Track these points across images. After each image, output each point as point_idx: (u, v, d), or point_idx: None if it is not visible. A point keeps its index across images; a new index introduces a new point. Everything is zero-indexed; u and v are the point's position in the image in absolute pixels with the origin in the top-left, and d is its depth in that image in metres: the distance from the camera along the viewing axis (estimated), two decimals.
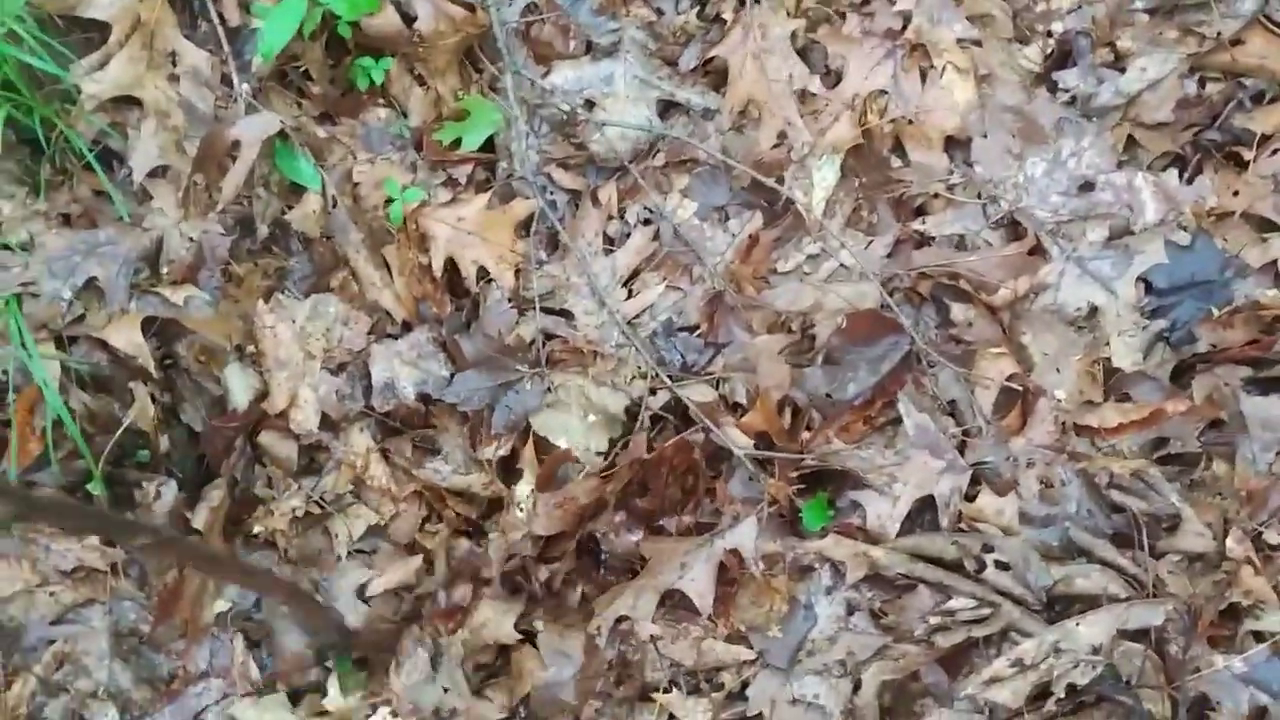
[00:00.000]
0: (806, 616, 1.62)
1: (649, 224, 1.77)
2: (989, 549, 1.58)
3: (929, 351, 1.66)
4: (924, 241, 1.72)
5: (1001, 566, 1.58)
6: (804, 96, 1.75)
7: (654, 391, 1.69)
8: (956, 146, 1.73)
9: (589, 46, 1.78)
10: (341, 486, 1.66)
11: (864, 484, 1.64)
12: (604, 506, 1.63)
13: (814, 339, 1.71)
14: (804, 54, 1.76)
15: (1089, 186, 1.70)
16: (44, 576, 1.53)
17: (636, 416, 1.69)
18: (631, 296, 1.74)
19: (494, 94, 1.76)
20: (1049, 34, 1.76)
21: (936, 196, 1.73)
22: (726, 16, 1.77)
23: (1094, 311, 1.67)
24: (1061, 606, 1.58)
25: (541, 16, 1.76)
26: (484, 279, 1.73)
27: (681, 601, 1.61)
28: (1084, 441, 1.64)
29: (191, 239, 1.61)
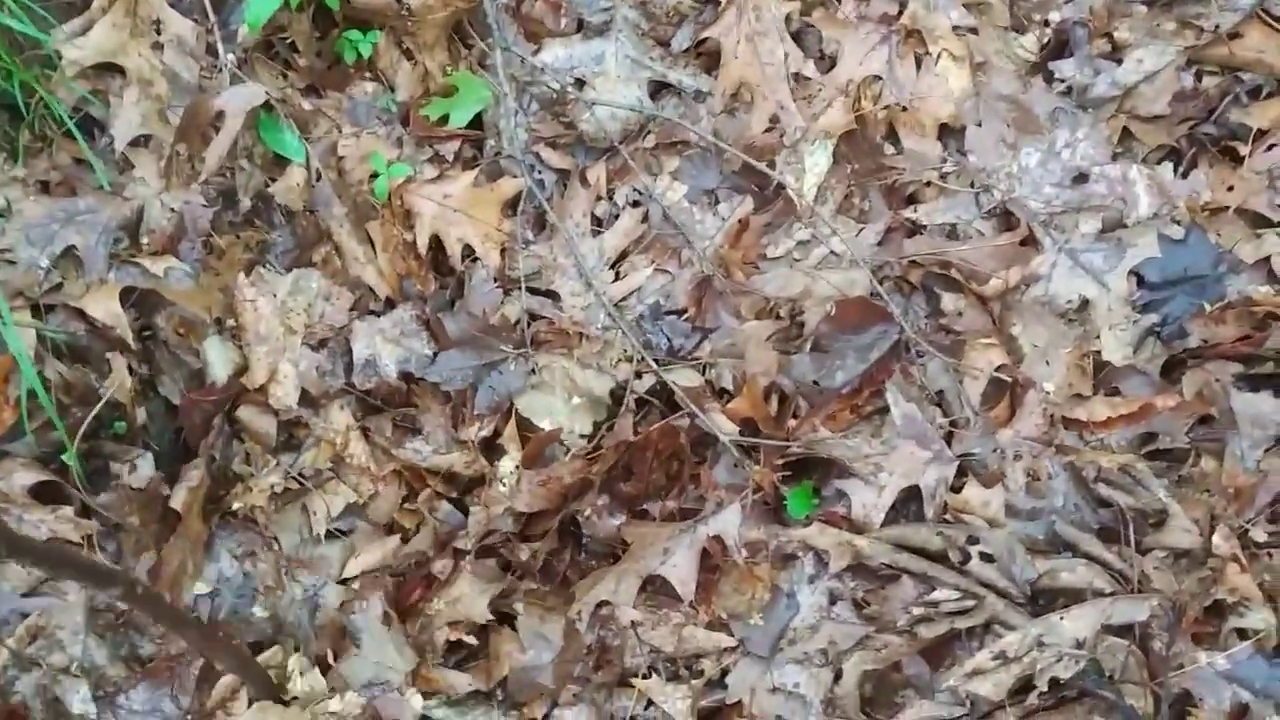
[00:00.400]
0: (789, 605, 1.61)
1: (638, 206, 1.75)
2: (974, 541, 1.57)
3: (918, 341, 1.64)
4: (915, 230, 1.71)
5: (986, 559, 1.56)
6: (797, 80, 1.74)
7: (640, 375, 1.67)
8: (950, 135, 1.72)
9: (580, 24, 1.76)
10: (321, 463, 1.64)
11: (850, 473, 1.62)
12: (588, 487, 1.61)
13: (802, 326, 1.70)
14: (798, 37, 1.75)
15: (1083, 178, 1.69)
16: None
17: (622, 400, 1.67)
18: (619, 279, 1.72)
19: (483, 70, 1.74)
20: (1046, 23, 1.75)
21: (929, 185, 1.71)
22: None
23: (1085, 304, 1.66)
24: (1046, 600, 1.56)
25: None
26: (469, 257, 1.71)
27: (663, 587, 1.60)
28: (1072, 435, 1.62)
29: (173, 210, 1.59)
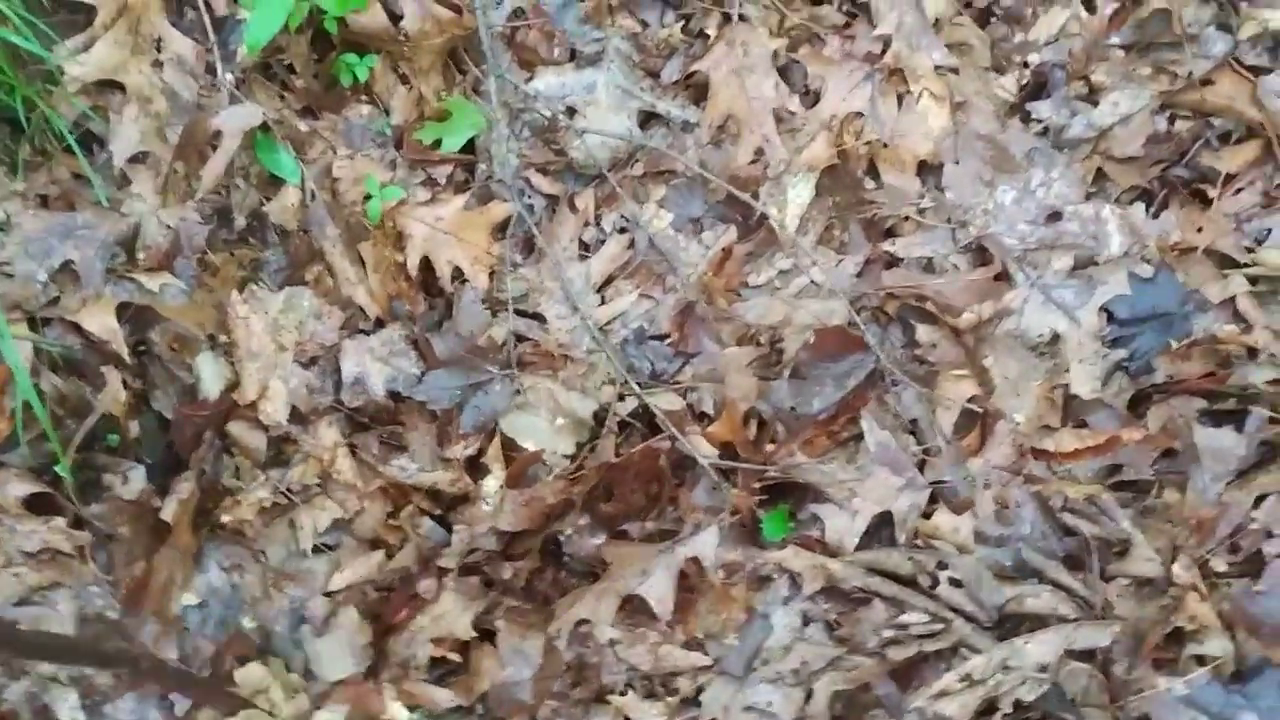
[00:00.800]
0: (763, 626, 1.65)
1: (625, 232, 1.79)
2: (943, 566, 1.62)
3: (893, 370, 1.69)
4: (893, 262, 1.76)
5: (955, 584, 1.61)
6: (782, 115, 1.78)
7: (622, 398, 1.71)
8: (929, 171, 1.76)
9: (573, 54, 1.80)
10: (308, 479, 1.67)
11: (825, 498, 1.67)
12: (570, 508, 1.65)
13: (782, 353, 1.74)
14: (784, 73, 1.79)
15: (1057, 216, 1.74)
16: (8, 557, 1.53)
17: (604, 422, 1.71)
18: (604, 303, 1.76)
19: (477, 96, 1.78)
20: (1025, 65, 1.80)
21: (907, 219, 1.76)
22: (710, 32, 1.79)
23: (1056, 338, 1.71)
24: (1011, 625, 1.61)
25: (527, 22, 1.78)
26: (458, 279, 1.75)
27: (641, 606, 1.63)
28: (1040, 465, 1.67)
29: (169, 226, 1.62)
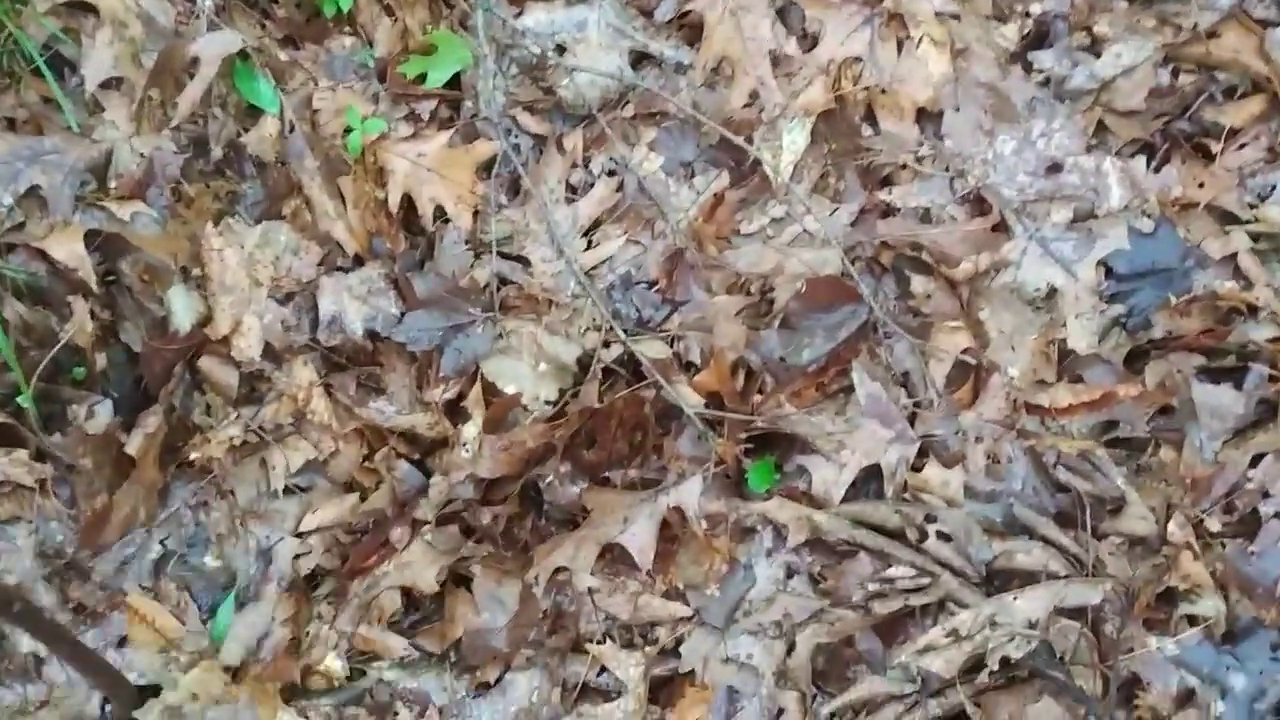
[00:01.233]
0: (745, 577, 1.61)
1: (613, 175, 1.74)
2: (931, 519, 1.58)
3: (886, 321, 1.64)
4: (889, 211, 1.71)
5: (943, 538, 1.57)
6: (778, 58, 1.73)
7: (607, 344, 1.67)
8: (928, 119, 1.72)
9: None
10: (281, 418, 1.63)
11: (812, 449, 1.63)
12: (550, 453, 1.61)
13: (772, 302, 1.70)
14: (782, 14, 1.74)
15: (1057, 168, 1.70)
16: None
17: (588, 368, 1.66)
18: (591, 247, 1.72)
19: (464, 31, 1.73)
20: (1027, 14, 1.76)
21: (904, 167, 1.71)
22: None
23: (1053, 292, 1.67)
24: (1001, 581, 1.57)
25: None
26: (441, 218, 1.70)
27: (621, 555, 1.59)
28: (1034, 420, 1.63)
29: (142, 155, 1.57)
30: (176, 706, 1.51)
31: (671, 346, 1.69)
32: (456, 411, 1.66)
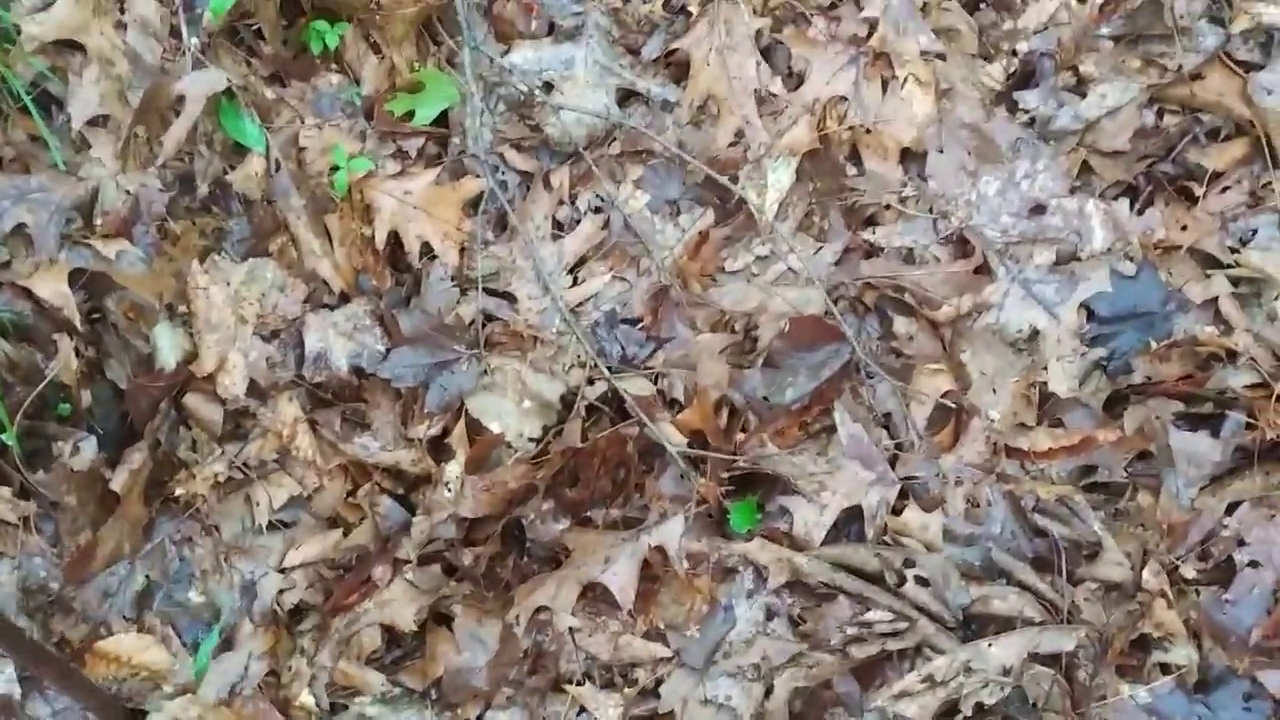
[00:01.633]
0: (726, 618, 1.62)
1: (599, 212, 1.75)
2: (910, 564, 1.59)
3: (868, 362, 1.65)
4: (873, 251, 1.72)
5: (921, 582, 1.58)
6: (764, 96, 1.74)
7: (591, 381, 1.68)
8: (912, 159, 1.72)
9: (551, 28, 1.75)
10: (266, 454, 1.64)
11: (794, 490, 1.64)
12: (533, 493, 1.62)
13: (756, 340, 1.71)
14: (767, 53, 1.75)
15: (1040, 209, 1.70)
16: None
17: (572, 405, 1.67)
18: (576, 284, 1.72)
19: (451, 68, 1.73)
20: (1013, 53, 1.76)
21: (888, 208, 1.72)
22: (692, 9, 1.74)
23: (1035, 334, 1.68)
24: (977, 626, 1.59)
25: None
26: (427, 255, 1.71)
27: (602, 595, 1.61)
28: (1013, 463, 1.64)
29: (128, 192, 1.58)
30: None
31: (655, 384, 1.70)
32: (440, 448, 1.67)
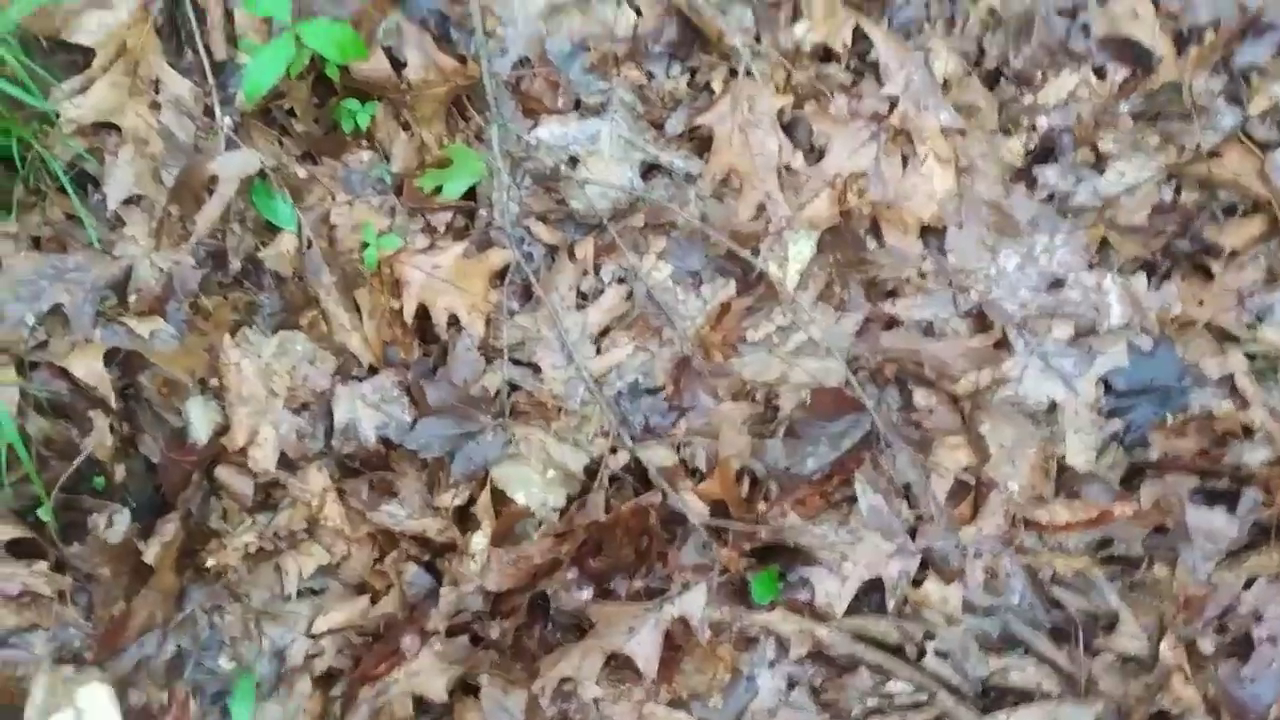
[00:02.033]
0: (748, 688, 1.65)
1: (623, 283, 1.77)
2: (930, 636, 1.61)
3: (889, 434, 1.68)
4: (893, 323, 1.74)
5: (941, 655, 1.61)
6: (785, 171, 1.76)
7: (615, 451, 1.70)
8: (932, 234, 1.75)
9: (577, 103, 1.78)
10: (295, 524, 1.67)
11: (815, 560, 1.66)
12: (558, 566, 1.64)
13: (777, 410, 1.73)
14: (789, 128, 1.77)
15: (1059, 284, 1.73)
16: None
17: (596, 475, 1.70)
18: (600, 354, 1.75)
19: (479, 143, 1.76)
20: (1033, 127, 1.78)
21: (908, 281, 1.74)
22: (716, 86, 1.77)
23: (1053, 407, 1.70)
24: (995, 697, 1.61)
25: (533, 70, 1.76)
26: (454, 326, 1.73)
27: (626, 664, 1.63)
28: (1032, 536, 1.67)
29: (162, 269, 1.60)
30: None
31: (678, 453, 1.72)
32: (466, 517, 1.70)
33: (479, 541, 1.64)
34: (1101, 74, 1.77)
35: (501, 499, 1.69)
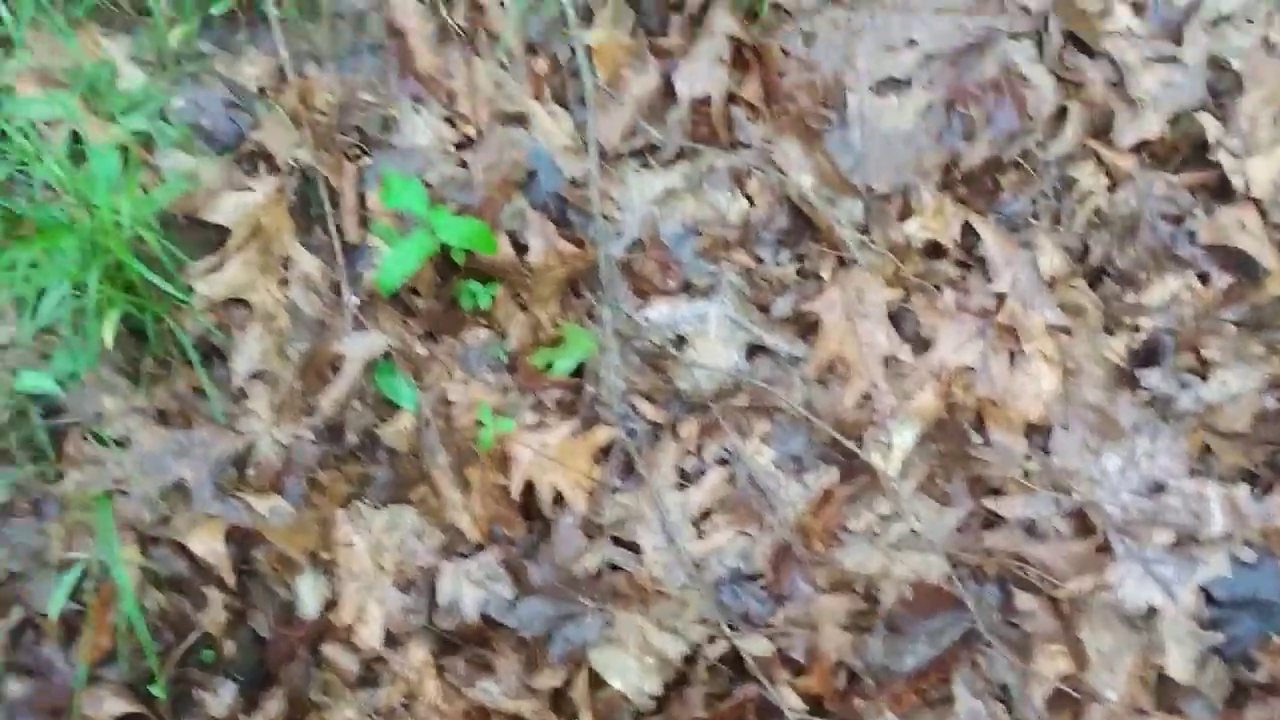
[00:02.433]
0: None
1: (725, 465, 1.79)
2: None
3: (989, 634, 1.68)
4: (994, 520, 1.75)
5: None
6: (890, 359, 1.79)
7: (713, 639, 1.70)
8: (1036, 432, 1.76)
9: (687, 285, 1.81)
10: (394, 700, 1.67)
11: None
12: None
13: (877, 603, 1.73)
14: (895, 318, 1.80)
15: (1160, 489, 1.74)
16: None
17: (693, 661, 1.70)
18: (701, 536, 1.76)
19: (590, 321, 1.79)
20: (1137, 328, 1.81)
21: (1011, 479, 1.75)
22: (824, 275, 1.80)
23: (1152, 612, 1.70)
24: None
25: (645, 253, 1.79)
26: (558, 503, 1.75)
27: None
28: None
29: (282, 444, 1.63)
30: None
31: (775, 643, 1.72)
32: (562, 699, 1.70)
33: None
34: (1206, 280, 1.80)
35: (598, 682, 1.69)
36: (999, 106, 1.87)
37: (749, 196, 1.84)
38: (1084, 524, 1.74)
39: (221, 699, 1.60)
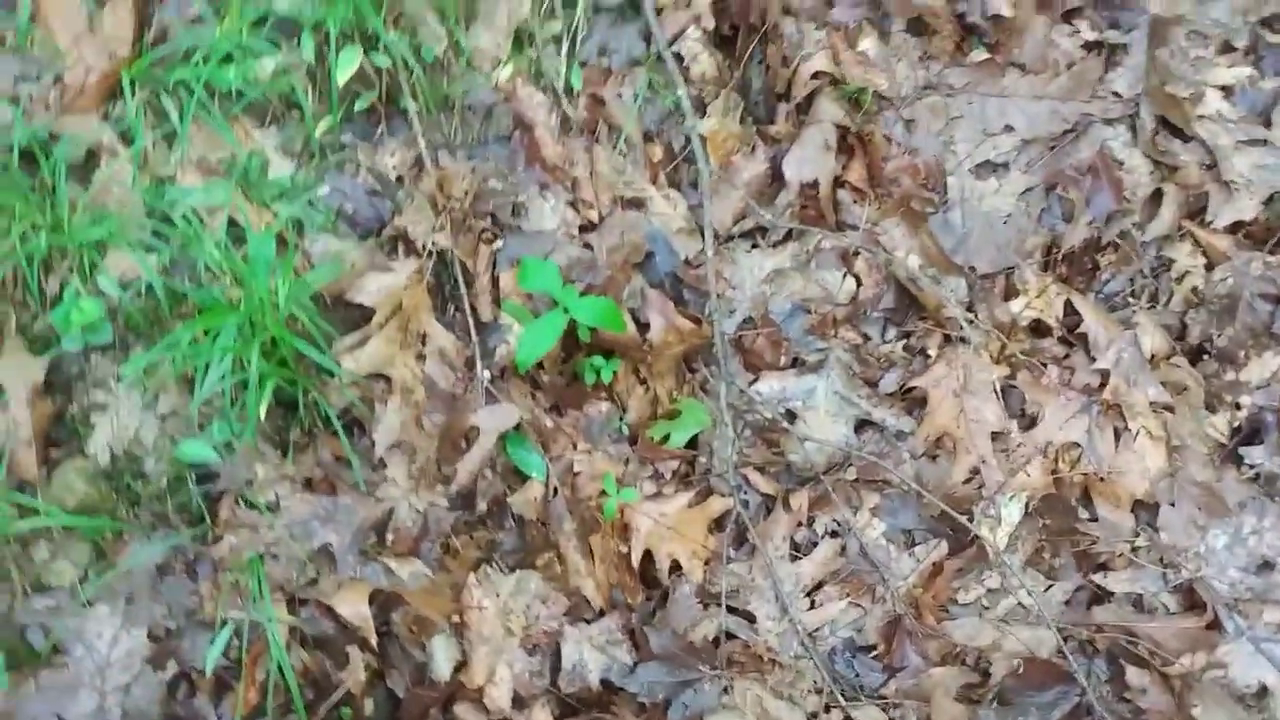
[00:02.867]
0: None
1: (836, 536, 1.84)
2: None
3: (1100, 709, 1.70)
4: (1103, 595, 1.78)
5: None
6: (997, 433, 1.84)
7: (829, 709, 1.75)
8: (1143, 508, 1.80)
9: (796, 361, 1.89)
10: None
11: None
12: None
13: (988, 675, 1.76)
14: (1002, 393, 1.86)
15: (1268, 566, 1.76)
16: None
17: None
18: (814, 607, 1.81)
19: (704, 394, 1.87)
20: (1237, 406, 1.85)
21: (1119, 555, 1.79)
22: (931, 352, 1.87)
23: (1263, 692, 1.71)
24: None
25: (757, 330, 1.88)
26: (675, 571, 1.81)
27: None
28: None
29: (418, 511, 1.71)
30: None
31: (888, 714, 1.76)
32: None
33: None
34: None
35: None
36: (1096, 189, 1.94)
37: (856, 276, 1.92)
38: (1193, 600, 1.77)
39: None
